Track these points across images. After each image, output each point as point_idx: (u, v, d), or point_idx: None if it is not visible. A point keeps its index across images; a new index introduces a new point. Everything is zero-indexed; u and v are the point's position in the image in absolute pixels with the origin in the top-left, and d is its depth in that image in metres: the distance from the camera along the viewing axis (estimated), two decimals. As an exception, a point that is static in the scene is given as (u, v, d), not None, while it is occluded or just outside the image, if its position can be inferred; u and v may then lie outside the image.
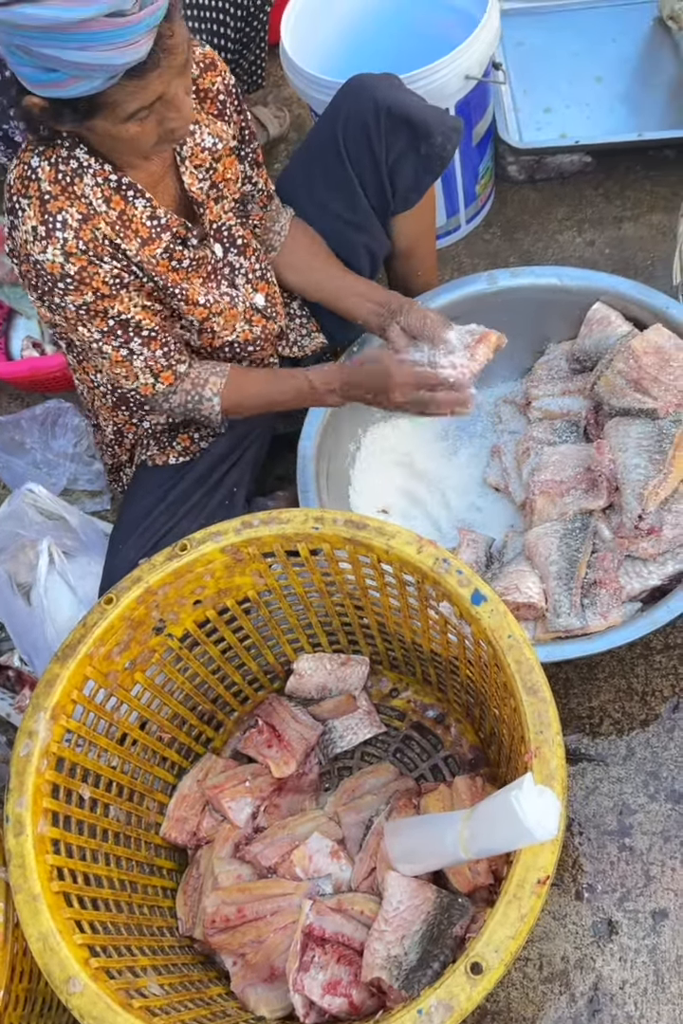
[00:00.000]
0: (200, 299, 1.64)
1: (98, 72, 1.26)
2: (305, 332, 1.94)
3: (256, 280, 1.76)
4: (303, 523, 1.46)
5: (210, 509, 1.79)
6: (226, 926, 1.52)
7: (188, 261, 1.61)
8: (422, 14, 2.33)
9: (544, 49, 2.74)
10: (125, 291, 1.54)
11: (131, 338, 1.57)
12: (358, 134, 1.78)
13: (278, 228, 1.84)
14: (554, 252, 2.45)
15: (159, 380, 1.63)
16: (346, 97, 1.81)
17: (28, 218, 1.44)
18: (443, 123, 1.81)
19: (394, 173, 1.82)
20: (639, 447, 1.71)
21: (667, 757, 1.69)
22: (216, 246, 1.68)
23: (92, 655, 1.42)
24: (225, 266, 1.70)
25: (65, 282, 1.47)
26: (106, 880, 1.46)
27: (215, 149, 1.62)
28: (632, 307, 1.90)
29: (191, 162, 1.60)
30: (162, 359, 1.62)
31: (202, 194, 1.62)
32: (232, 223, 1.69)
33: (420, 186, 1.87)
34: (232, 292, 1.71)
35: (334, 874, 1.54)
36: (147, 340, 1.59)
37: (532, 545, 1.74)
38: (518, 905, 1.11)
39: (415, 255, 2.01)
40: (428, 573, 1.37)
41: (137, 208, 1.52)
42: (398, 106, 1.76)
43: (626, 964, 1.53)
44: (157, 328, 1.60)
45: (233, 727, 1.81)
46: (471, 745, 1.71)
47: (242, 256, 1.72)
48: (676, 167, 2.47)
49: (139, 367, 1.61)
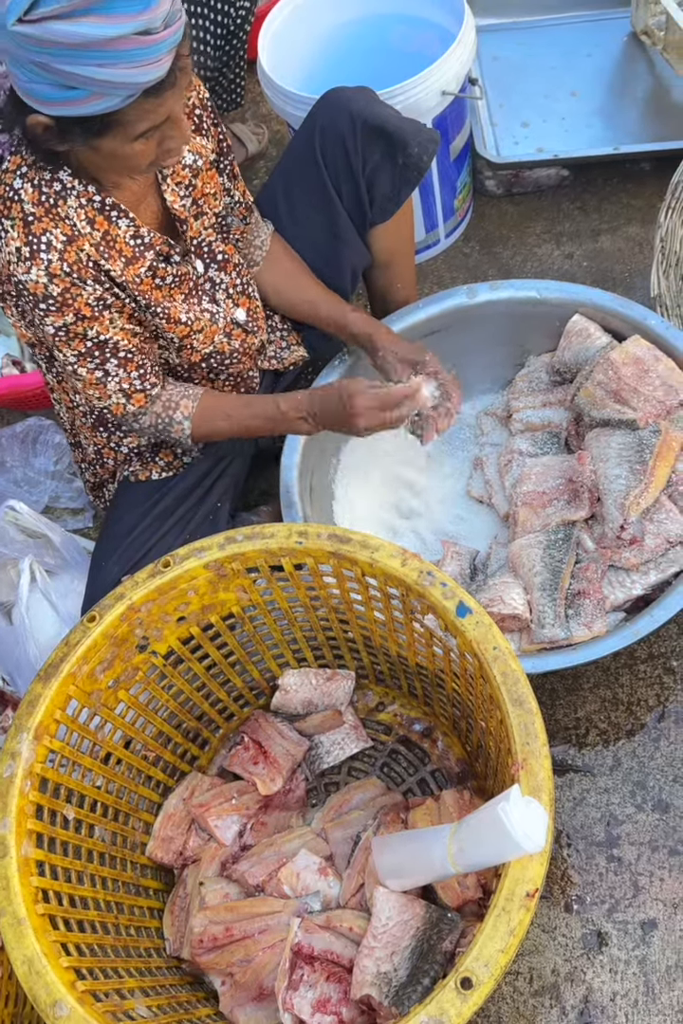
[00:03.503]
0: (182, 316, 1.64)
1: (120, 90, 1.26)
2: (284, 345, 1.94)
3: (237, 295, 1.76)
4: (287, 538, 1.46)
5: (194, 525, 1.78)
6: (214, 945, 1.51)
7: (171, 278, 1.61)
8: (399, 31, 2.35)
9: (520, 64, 2.77)
10: (107, 312, 1.53)
11: (107, 359, 1.57)
12: (335, 146, 1.79)
13: (259, 243, 1.84)
14: (533, 265, 2.46)
15: (130, 401, 1.63)
16: (322, 109, 1.82)
17: (11, 239, 1.44)
18: (419, 133, 1.82)
19: (371, 184, 1.83)
20: (620, 457, 1.72)
21: (653, 767, 1.69)
22: (197, 262, 1.68)
23: (75, 674, 1.41)
24: (206, 282, 1.70)
25: (47, 303, 1.47)
26: (92, 901, 1.44)
27: (195, 166, 1.63)
28: (611, 319, 1.91)
29: (172, 179, 1.60)
30: (137, 381, 1.62)
31: (184, 211, 1.62)
32: (213, 239, 1.69)
33: (397, 196, 1.87)
34: (212, 308, 1.71)
35: (322, 891, 1.53)
36: (123, 361, 1.59)
37: (516, 556, 1.74)
38: (507, 919, 1.10)
39: (394, 267, 2.02)
40: (412, 586, 1.37)
41: (120, 228, 1.52)
42: (374, 118, 1.77)
43: (616, 976, 1.52)
44: (134, 349, 1.60)
45: (219, 744, 1.80)
46: (458, 758, 1.71)
47: (223, 271, 1.72)
48: (652, 180, 2.50)
49: (113, 388, 1.60)
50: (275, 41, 2.26)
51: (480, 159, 2.51)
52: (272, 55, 2.22)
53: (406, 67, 2.11)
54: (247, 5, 2.25)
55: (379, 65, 2.32)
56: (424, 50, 2.24)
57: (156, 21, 1.22)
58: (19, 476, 2.25)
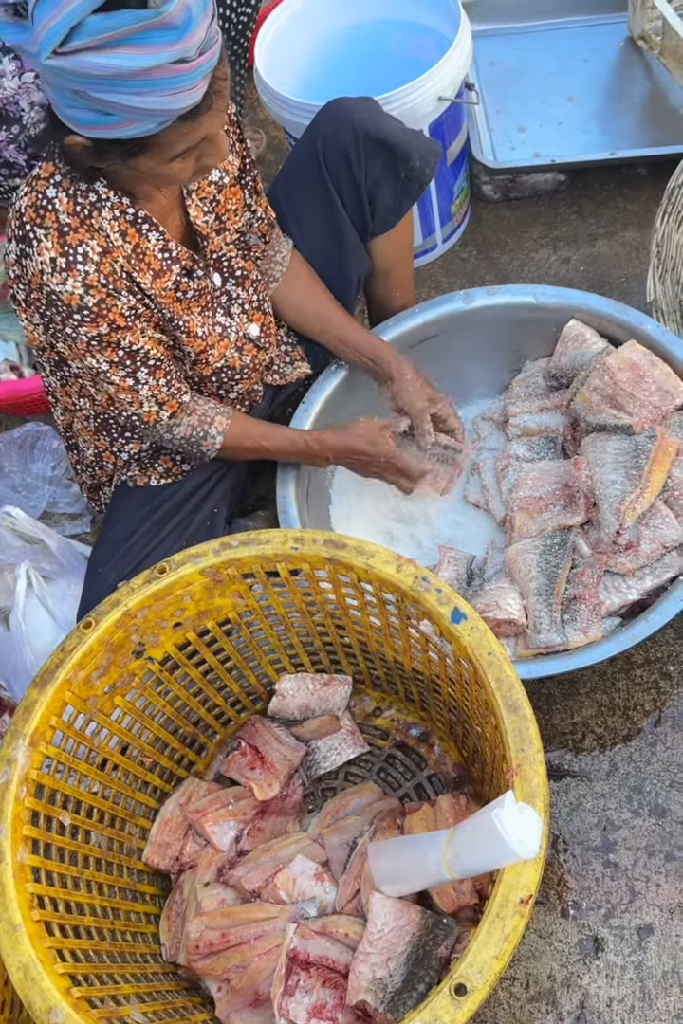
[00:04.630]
0: (198, 331, 1.65)
1: (155, 116, 1.26)
2: (288, 360, 1.94)
3: (252, 311, 1.76)
4: (283, 543, 1.46)
5: (191, 531, 1.78)
6: (210, 951, 1.51)
7: (191, 292, 1.61)
8: (396, 36, 2.35)
9: (517, 69, 2.77)
10: (139, 321, 1.54)
11: (138, 367, 1.57)
12: (338, 157, 1.79)
13: (280, 259, 1.84)
14: (530, 270, 2.47)
15: (163, 408, 1.63)
16: (325, 120, 1.82)
17: (45, 249, 1.42)
18: (421, 146, 1.82)
19: (373, 196, 1.83)
20: (616, 463, 1.72)
21: (650, 772, 1.69)
22: (215, 275, 1.68)
23: (71, 680, 1.41)
24: (222, 295, 1.71)
25: (82, 314, 1.46)
26: (88, 907, 1.44)
27: (221, 182, 1.63)
28: (607, 324, 1.91)
29: (197, 195, 1.60)
30: (165, 388, 1.62)
31: (207, 227, 1.62)
32: (233, 254, 1.70)
33: (399, 209, 1.88)
34: (225, 321, 1.71)
35: (318, 897, 1.53)
36: (153, 369, 1.58)
37: (512, 561, 1.75)
38: (501, 925, 1.10)
39: (393, 276, 2.02)
40: (408, 592, 1.37)
41: (150, 241, 1.52)
42: (376, 131, 1.77)
43: (613, 981, 1.52)
44: (162, 358, 1.60)
45: (216, 750, 1.80)
46: (455, 763, 1.71)
47: (240, 287, 1.73)
48: (648, 184, 2.51)
49: (145, 396, 1.60)
50: (272, 47, 2.26)
51: (477, 164, 2.51)
52: (269, 61, 2.23)
53: (403, 73, 2.11)
54: (249, 11, 2.25)
55: (376, 71, 2.33)
56: (421, 56, 2.24)
57: (191, 50, 1.22)
58: (17, 481, 2.25)
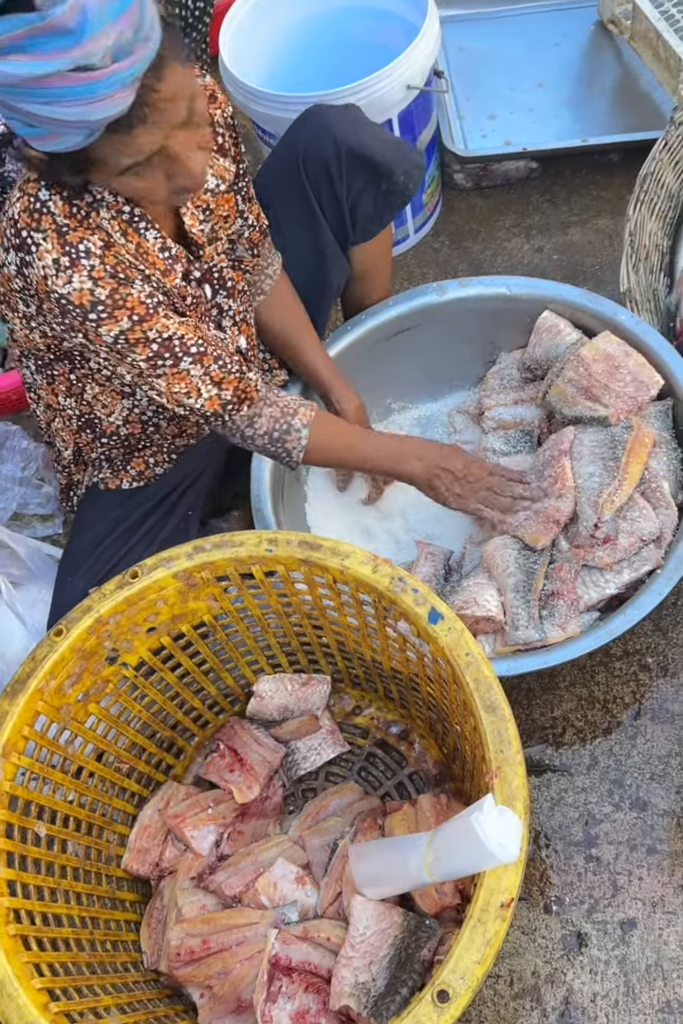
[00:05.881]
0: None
1: (74, 128, 1.17)
2: (266, 367, 1.91)
3: (241, 323, 1.72)
4: (256, 545, 1.44)
5: (163, 536, 1.75)
6: (191, 958, 1.50)
7: (190, 298, 1.56)
8: (362, 24, 2.33)
9: (487, 55, 2.76)
10: (162, 308, 1.44)
11: (180, 357, 1.46)
12: (318, 170, 1.74)
13: (271, 272, 1.79)
14: (503, 260, 2.45)
15: (223, 389, 1.52)
16: (305, 130, 1.76)
17: (46, 252, 1.33)
18: (405, 160, 1.78)
19: (355, 208, 1.79)
20: (593, 455, 1.71)
21: (630, 765, 1.69)
22: (206, 287, 1.62)
23: (43, 689, 1.39)
24: (213, 307, 1.66)
25: (97, 311, 1.36)
26: (66, 918, 1.42)
27: (217, 190, 1.57)
28: (580, 314, 1.89)
29: (192, 203, 1.53)
30: (218, 368, 1.51)
31: (202, 236, 1.56)
32: (224, 264, 1.64)
33: (381, 220, 1.85)
34: (219, 335, 1.67)
35: (300, 900, 1.52)
36: (198, 356, 1.49)
37: (490, 557, 1.73)
38: (483, 930, 1.09)
39: (371, 278, 1.99)
40: (384, 592, 1.35)
41: (149, 240, 1.45)
42: (359, 146, 1.72)
43: (597, 976, 1.52)
44: (202, 341, 1.50)
45: (194, 753, 1.78)
46: (435, 760, 1.70)
47: (231, 298, 1.68)
48: (621, 171, 2.50)
49: (198, 378, 1.49)
50: (237, 36, 2.23)
51: (448, 153, 2.49)
52: (233, 51, 2.19)
53: (371, 60, 2.09)
54: None
55: (343, 59, 2.30)
56: (389, 43, 2.22)
57: (92, 56, 1.11)
58: (-15, 483, 2.22)
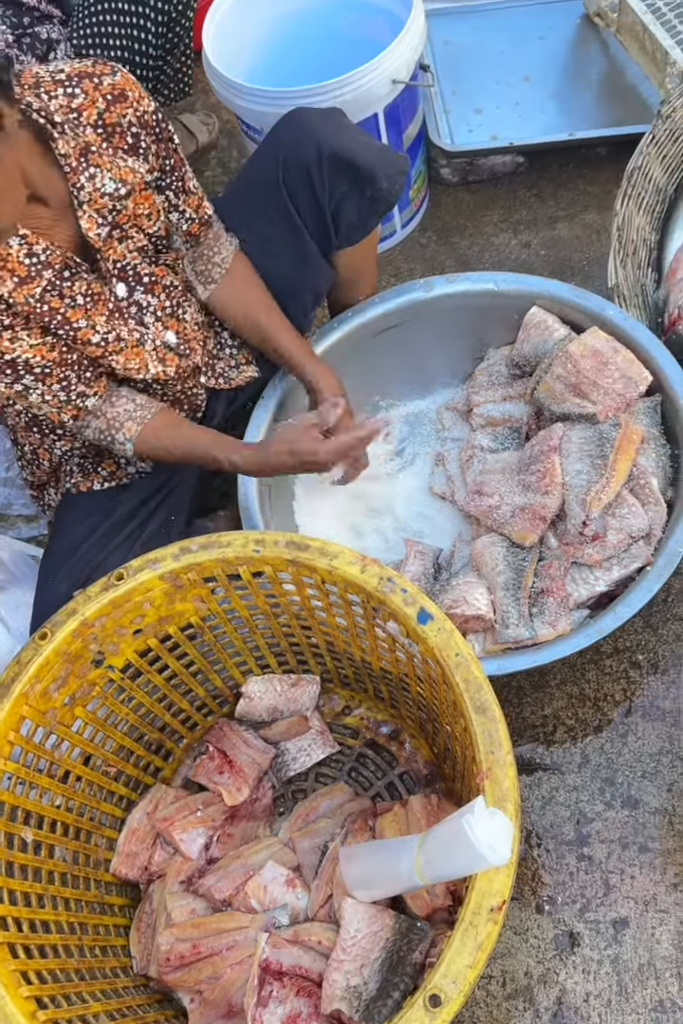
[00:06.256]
0: (92, 336, 1.57)
1: None
2: (234, 364, 1.88)
3: (166, 318, 1.69)
4: (243, 546, 1.43)
5: (144, 539, 1.74)
6: (181, 963, 1.48)
7: (82, 297, 1.54)
8: (348, 17, 2.31)
9: (473, 49, 2.74)
10: (8, 332, 1.48)
11: (21, 376, 1.52)
12: (299, 175, 1.71)
13: (219, 260, 1.76)
14: (490, 255, 2.44)
15: (62, 412, 1.59)
16: (286, 132, 1.74)
17: None
18: (388, 165, 1.75)
19: (337, 214, 1.76)
20: (581, 452, 1.70)
21: (622, 763, 1.68)
22: (119, 285, 1.61)
23: (28, 693, 1.38)
24: (131, 305, 1.64)
25: None
26: (54, 924, 1.41)
27: (116, 194, 1.54)
28: (568, 310, 1.88)
29: (89, 206, 1.51)
30: (60, 394, 1.56)
31: (99, 240, 1.54)
32: (138, 261, 1.62)
33: (365, 226, 1.83)
34: (141, 330, 1.65)
35: (290, 903, 1.50)
36: (41, 376, 1.53)
37: (479, 555, 1.72)
38: (475, 933, 1.08)
39: (357, 282, 1.97)
40: (373, 593, 1.34)
41: (12, 247, 1.45)
42: (342, 150, 1.69)
43: (589, 976, 1.51)
44: (51, 363, 1.53)
45: (183, 755, 1.77)
46: (426, 760, 1.69)
47: (150, 294, 1.66)
48: (608, 164, 2.49)
49: (36, 400, 1.56)
50: (220, 30, 2.21)
51: (434, 147, 2.48)
52: (217, 45, 2.17)
53: (356, 54, 2.07)
54: None
55: (328, 53, 2.29)
56: (374, 36, 2.21)
57: None
58: (-32, 485, 2.20)
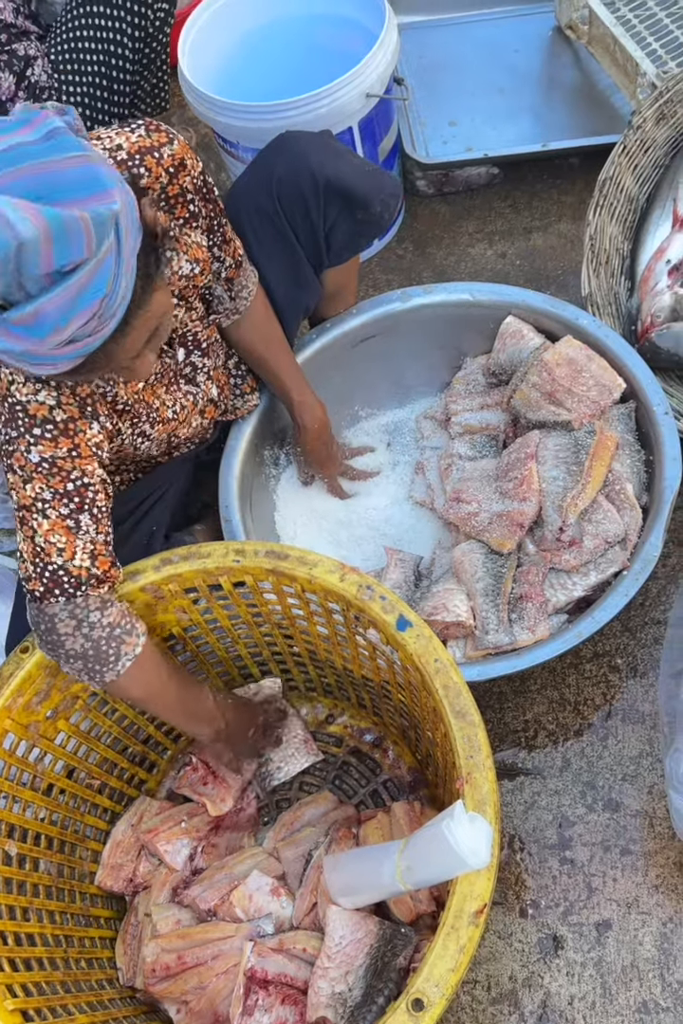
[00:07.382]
0: (169, 412, 1.60)
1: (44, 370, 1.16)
2: (238, 393, 1.87)
3: (213, 372, 1.72)
4: (224, 556, 1.44)
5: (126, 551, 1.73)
6: (167, 974, 1.49)
7: (154, 377, 1.55)
8: (323, 30, 2.33)
9: (446, 62, 2.77)
10: (99, 457, 1.40)
11: (83, 509, 1.37)
12: (294, 200, 1.71)
13: (246, 294, 1.73)
14: (466, 266, 2.46)
15: (95, 565, 1.39)
16: (279, 160, 1.72)
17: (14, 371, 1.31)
18: (382, 190, 1.76)
19: (330, 235, 1.77)
20: (557, 459, 1.72)
21: (602, 766, 1.69)
22: (180, 351, 1.62)
23: (10, 707, 1.39)
24: (187, 366, 1.65)
25: (44, 428, 1.32)
26: (39, 937, 1.41)
27: (191, 274, 1.53)
28: (543, 319, 1.91)
29: (168, 288, 1.47)
30: (102, 544, 1.40)
31: (176, 320, 1.55)
32: (198, 329, 1.63)
33: (356, 247, 1.85)
34: (193, 390, 1.67)
35: (275, 912, 1.51)
36: (97, 518, 1.39)
37: (458, 562, 1.73)
38: (456, 937, 1.09)
39: (339, 296, 1.99)
40: (352, 601, 1.35)
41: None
42: (336, 178, 1.69)
43: (573, 979, 1.52)
44: (105, 509, 1.42)
45: (167, 767, 1.77)
46: (409, 767, 1.70)
47: (206, 356, 1.67)
48: (581, 175, 2.52)
49: (81, 544, 1.37)
50: (195, 45, 2.22)
51: (410, 159, 2.50)
52: (192, 60, 2.19)
53: (330, 67, 2.09)
54: (165, 7, 2.21)
55: (302, 66, 2.31)
56: (348, 49, 2.22)
57: (44, 347, 1.09)
58: (-50, 499, 2.19)
